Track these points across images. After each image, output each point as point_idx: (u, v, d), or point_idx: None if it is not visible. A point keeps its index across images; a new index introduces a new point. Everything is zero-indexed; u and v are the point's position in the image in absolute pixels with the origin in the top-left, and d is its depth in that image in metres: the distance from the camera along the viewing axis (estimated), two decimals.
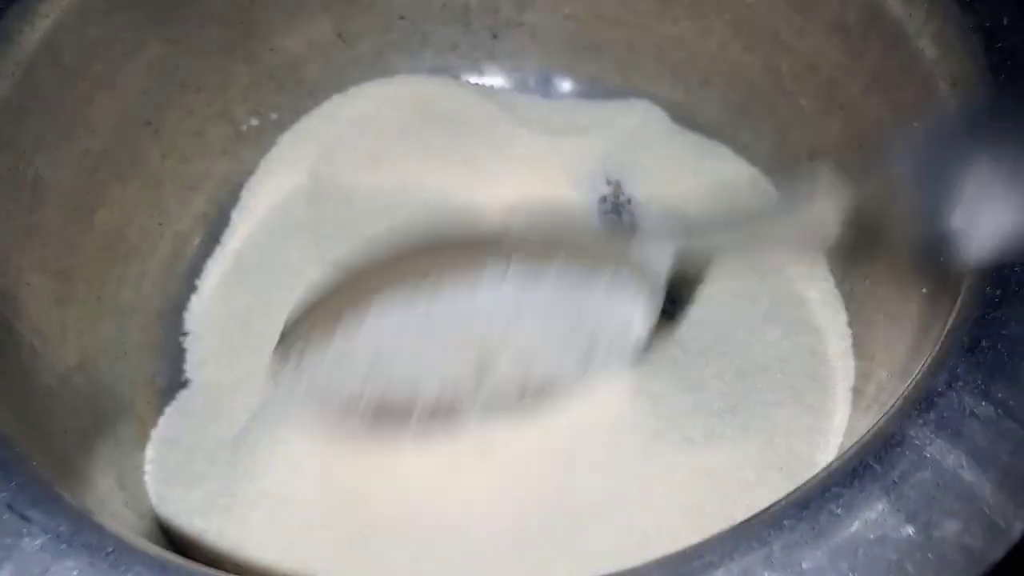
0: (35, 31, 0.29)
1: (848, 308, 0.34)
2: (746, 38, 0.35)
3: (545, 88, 0.42)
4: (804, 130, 0.35)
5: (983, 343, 0.20)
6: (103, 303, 0.33)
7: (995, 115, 0.21)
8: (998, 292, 0.21)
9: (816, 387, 0.32)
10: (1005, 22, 0.24)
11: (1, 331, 0.27)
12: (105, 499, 0.28)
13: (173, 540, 0.30)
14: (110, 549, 0.20)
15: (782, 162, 0.37)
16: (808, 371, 0.33)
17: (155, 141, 0.35)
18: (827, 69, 0.32)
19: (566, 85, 0.42)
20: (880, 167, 0.23)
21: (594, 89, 0.42)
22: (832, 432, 0.31)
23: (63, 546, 0.20)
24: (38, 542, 0.20)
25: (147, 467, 0.33)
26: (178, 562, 0.20)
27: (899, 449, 0.18)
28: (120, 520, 0.28)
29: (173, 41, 0.34)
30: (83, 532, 0.20)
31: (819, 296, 0.35)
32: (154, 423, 0.34)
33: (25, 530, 0.20)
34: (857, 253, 0.32)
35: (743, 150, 0.38)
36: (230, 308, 0.37)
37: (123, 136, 0.34)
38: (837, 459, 0.19)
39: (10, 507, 0.20)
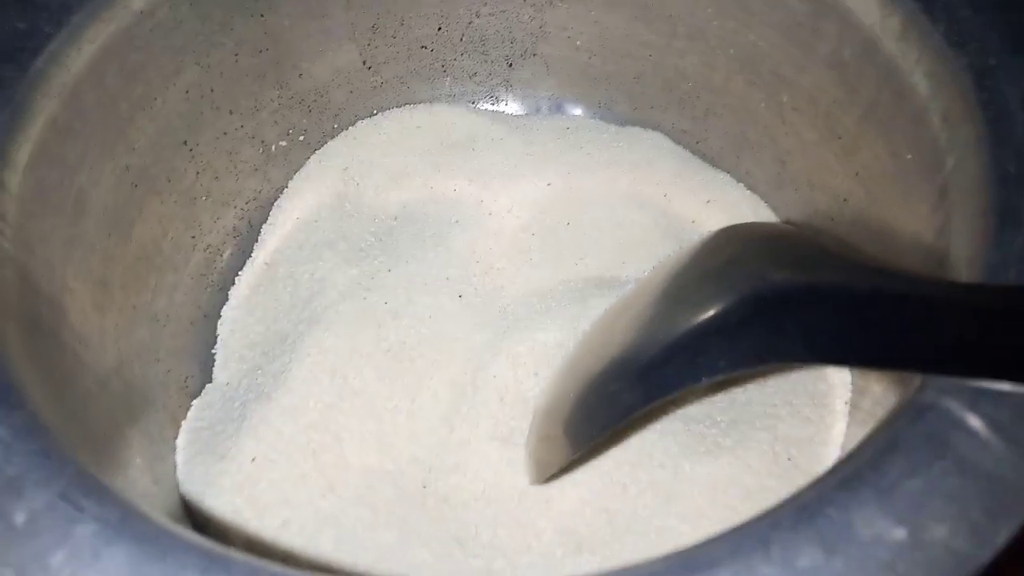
0: (82, 56, 0.31)
1: None
2: (749, 73, 0.37)
3: (557, 113, 0.44)
4: (804, 159, 0.37)
5: None
6: (138, 311, 0.35)
7: None
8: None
9: (815, 403, 0.34)
10: (993, 63, 0.26)
11: (47, 335, 0.29)
12: (138, 483, 0.30)
13: (195, 518, 0.32)
14: (156, 537, 0.21)
15: (782, 190, 0.39)
16: (807, 387, 0.35)
17: (191, 160, 0.37)
18: (825, 102, 0.34)
19: (577, 111, 0.44)
20: None
21: (604, 115, 0.43)
22: (831, 443, 0.33)
23: (112, 534, 0.21)
24: (90, 529, 0.21)
25: (178, 456, 0.35)
26: (217, 549, 0.22)
27: (891, 457, 0.20)
28: (151, 501, 0.30)
29: (208, 67, 0.36)
30: (131, 521, 0.22)
31: None
32: (185, 418, 0.36)
33: (78, 518, 0.21)
34: None
35: (745, 177, 0.40)
36: (256, 314, 0.39)
37: (160, 155, 0.36)
38: (833, 467, 0.21)
39: (64, 497, 0.22)
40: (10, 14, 0.30)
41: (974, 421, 0.20)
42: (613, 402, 0.28)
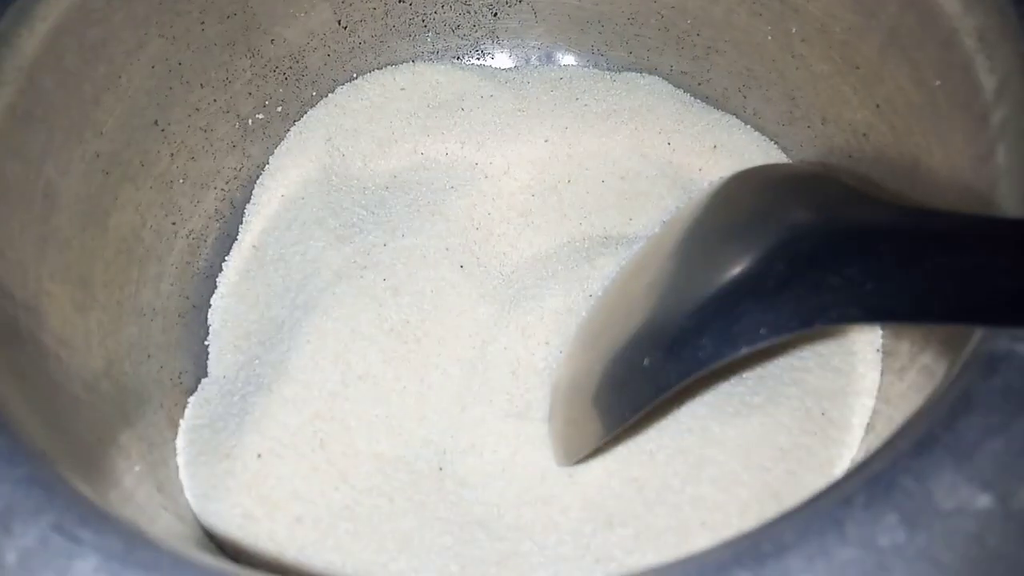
0: (34, 35, 0.28)
1: None
2: (752, 3, 0.35)
3: (548, 64, 0.42)
4: (817, 94, 0.34)
5: None
6: (123, 307, 0.33)
7: None
8: None
9: (843, 350, 0.32)
10: None
11: (27, 343, 0.27)
12: (139, 492, 0.28)
13: (203, 523, 0.31)
14: (164, 565, 0.20)
15: (794, 127, 0.36)
16: (834, 334, 0.33)
17: (164, 141, 0.35)
18: (839, 31, 0.32)
19: (569, 59, 0.42)
20: None
21: (598, 62, 0.41)
22: (864, 394, 0.31)
23: (117, 566, 0.19)
24: (91, 563, 0.19)
25: (179, 458, 0.33)
26: (229, 570, 0.20)
27: (966, 415, 0.18)
28: (155, 511, 0.28)
29: (173, 38, 0.34)
30: (136, 549, 0.20)
31: None
32: (183, 417, 0.34)
33: (77, 552, 0.19)
34: None
35: (753, 117, 0.38)
36: (248, 302, 0.37)
37: (131, 137, 0.33)
38: (902, 428, 0.19)
39: (58, 528, 0.20)
40: None
41: None
42: (646, 378, 0.26)
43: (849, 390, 0.31)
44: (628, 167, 0.39)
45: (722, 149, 0.38)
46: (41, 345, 0.27)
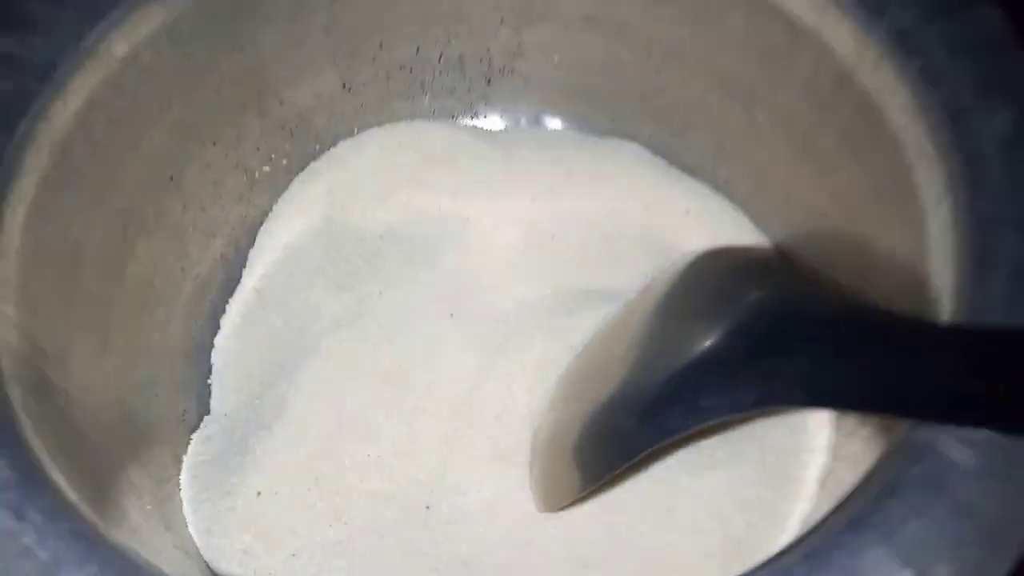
0: (68, 109, 0.31)
1: None
2: (724, 90, 0.38)
3: (537, 127, 0.45)
4: (780, 174, 0.38)
5: None
6: (136, 350, 0.35)
7: None
8: None
9: (799, 412, 0.36)
10: (966, 103, 0.27)
11: (57, 394, 0.29)
12: (151, 531, 0.31)
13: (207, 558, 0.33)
14: None
15: (761, 201, 0.40)
16: None
17: (177, 194, 0.37)
18: (800, 123, 0.35)
19: (557, 123, 0.45)
20: None
21: (583, 127, 0.44)
22: (819, 451, 0.34)
23: None
24: None
25: (183, 493, 0.35)
26: None
27: (892, 500, 0.21)
28: (160, 550, 0.31)
29: (192, 103, 0.36)
30: None
31: None
32: (186, 453, 0.36)
33: None
34: None
35: (724, 187, 0.41)
36: (250, 343, 0.39)
37: (148, 193, 0.36)
38: (836, 508, 0.22)
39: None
40: None
41: (966, 461, 0.22)
42: (620, 440, 0.29)
43: (804, 448, 0.34)
44: (608, 228, 0.42)
45: (695, 216, 0.41)
46: (68, 396, 0.30)
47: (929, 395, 0.21)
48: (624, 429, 0.30)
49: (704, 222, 0.41)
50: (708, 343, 0.27)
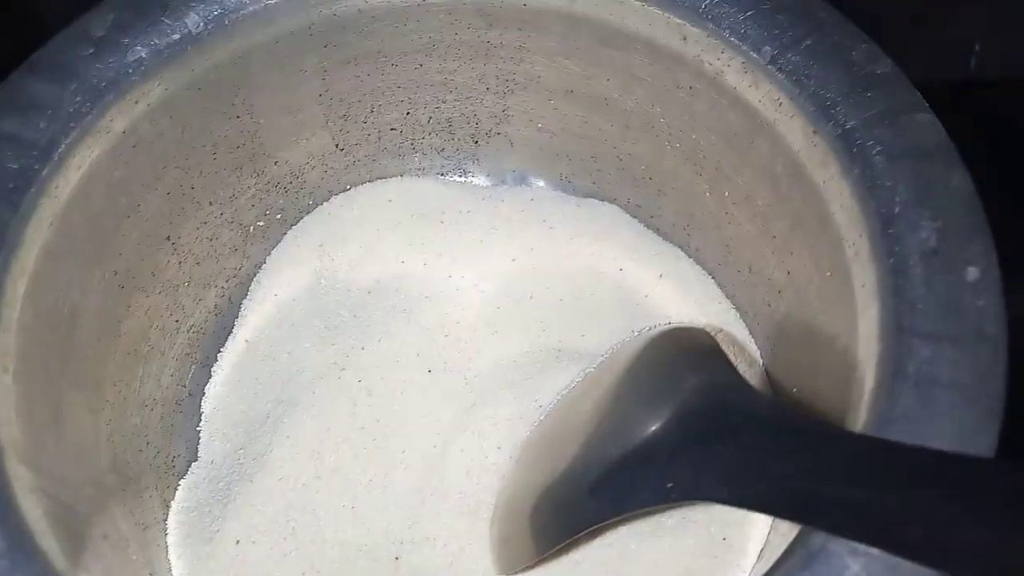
0: (69, 183, 0.33)
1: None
2: (694, 165, 0.40)
3: (522, 185, 0.47)
4: (744, 247, 0.39)
5: None
6: (128, 401, 0.38)
7: None
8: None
9: None
10: (899, 211, 0.29)
11: (51, 454, 0.31)
12: None
13: None
14: None
15: (727, 269, 0.41)
16: None
17: (173, 252, 0.39)
18: (760, 203, 0.37)
19: (540, 183, 0.47)
20: None
21: (565, 188, 0.46)
22: (760, 523, 0.36)
23: None
24: None
25: (169, 538, 0.38)
26: None
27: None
28: None
29: (188, 168, 0.38)
30: None
31: None
32: (174, 499, 0.39)
33: None
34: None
35: (695, 253, 0.43)
36: (239, 393, 0.42)
37: (144, 253, 0.38)
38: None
39: None
40: (6, 154, 0.32)
41: (855, 567, 0.23)
42: (571, 512, 0.31)
43: (746, 520, 0.36)
44: (584, 288, 0.44)
45: (668, 279, 0.43)
46: (61, 456, 0.32)
47: (828, 506, 0.23)
48: (575, 503, 0.32)
49: (676, 287, 0.43)
50: (647, 432, 0.29)
